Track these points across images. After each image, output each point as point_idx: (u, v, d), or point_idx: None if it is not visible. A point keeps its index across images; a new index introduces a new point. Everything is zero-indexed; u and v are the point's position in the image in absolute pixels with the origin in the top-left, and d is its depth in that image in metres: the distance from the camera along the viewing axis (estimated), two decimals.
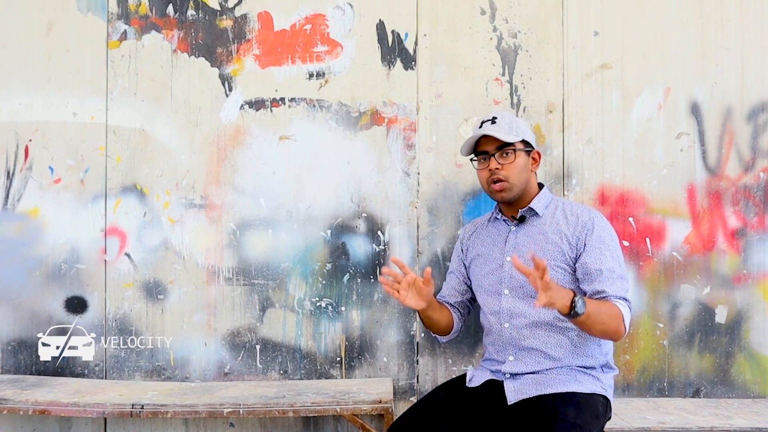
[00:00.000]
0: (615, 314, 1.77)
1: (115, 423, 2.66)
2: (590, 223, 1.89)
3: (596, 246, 1.86)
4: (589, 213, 1.93)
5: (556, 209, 1.97)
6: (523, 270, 1.64)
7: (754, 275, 2.56)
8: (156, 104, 2.66)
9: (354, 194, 2.64)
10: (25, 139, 2.67)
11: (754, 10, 2.59)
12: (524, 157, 1.96)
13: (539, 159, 2.02)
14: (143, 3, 2.68)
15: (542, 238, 1.92)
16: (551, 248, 1.90)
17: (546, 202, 1.99)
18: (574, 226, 1.90)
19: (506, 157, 1.93)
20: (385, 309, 2.63)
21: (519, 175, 1.94)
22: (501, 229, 2.03)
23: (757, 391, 2.57)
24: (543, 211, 1.97)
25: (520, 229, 1.98)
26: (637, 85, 2.59)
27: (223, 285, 2.65)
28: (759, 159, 2.57)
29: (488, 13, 2.63)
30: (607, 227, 1.91)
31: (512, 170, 1.93)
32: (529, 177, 1.98)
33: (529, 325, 1.90)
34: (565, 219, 1.93)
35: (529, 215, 1.98)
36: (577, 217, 1.92)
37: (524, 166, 1.96)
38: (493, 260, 2.00)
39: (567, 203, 1.99)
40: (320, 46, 2.65)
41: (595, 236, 1.87)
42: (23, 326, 2.67)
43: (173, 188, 2.66)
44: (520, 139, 1.95)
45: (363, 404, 2.26)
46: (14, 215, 2.67)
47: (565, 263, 1.89)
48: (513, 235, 1.98)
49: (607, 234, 1.89)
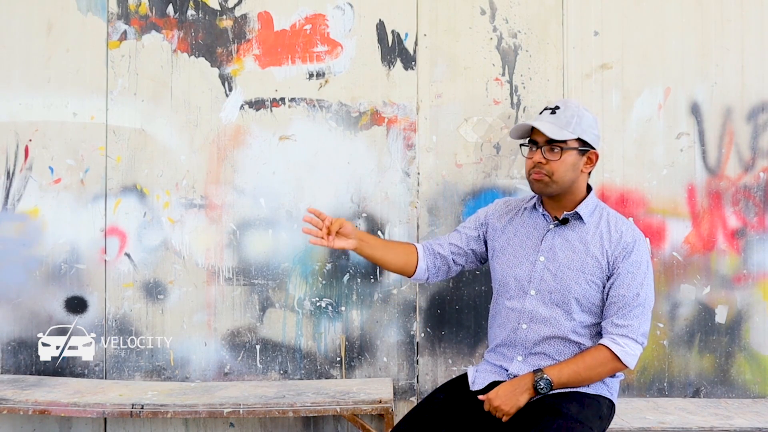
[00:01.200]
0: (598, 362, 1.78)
1: (115, 423, 2.66)
2: (632, 245, 1.81)
3: (629, 270, 1.80)
4: (633, 233, 1.84)
5: (600, 218, 1.87)
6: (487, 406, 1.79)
7: (754, 275, 2.57)
8: (156, 104, 2.66)
9: (354, 194, 2.64)
10: (25, 139, 2.67)
11: (754, 10, 2.59)
12: (575, 156, 1.82)
13: (596, 160, 1.86)
14: (143, 3, 2.68)
15: (582, 249, 1.84)
16: (591, 261, 1.83)
17: (591, 208, 1.88)
18: (616, 244, 1.82)
19: (553, 153, 1.81)
20: (385, 309, 2.63)
21: (564, 173, 1.82)
22: (539, 224, 1.92)
23: (757, 391, 2.57)
24: (588, 219, 1.87)
25: (560, 230, 1.88)
26: (637, 85, 2.59)
27: (223, 285, 2.65)
28: (759, 159, 2.57)
29: (488, 13, 2.63)
30: (645, 252, 1.84)
31: (557, 168, 1.81)
32: (577, 177, 1.85)
33: (547, 333, 1.85)
34: (609, 233, 1.84)
35: (573, 219, 1.88)
36: (621, 234, 1.83)
37: (572, 166, 1.82)
38: (524, 256, 1.91)
39: (612, 214, 1.90)
40: (320, 46, 2.65)
41: (631, 260, 1.80)
42: (23, 326, 2.67)
43: (173, 188, 2.66)
44: (576, 137, 1.81)
45: (363, 404, 2.26)
46: (14, 215, 2.67)
47: (600, 279, 1.83)
48: (551, 235, 1.88)
49: (644, 260, 1.82)
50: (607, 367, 1.78)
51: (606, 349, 1.77)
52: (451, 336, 2.60)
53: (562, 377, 1.76)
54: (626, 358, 1.77)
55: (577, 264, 1.83)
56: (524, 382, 1.77)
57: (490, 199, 2.58)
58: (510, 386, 1.78)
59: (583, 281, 1.82)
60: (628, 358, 1.77)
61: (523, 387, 1.76)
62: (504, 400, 1.75)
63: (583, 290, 1.82)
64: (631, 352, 1.77)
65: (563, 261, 1.84)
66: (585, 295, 1.82)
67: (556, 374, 1.76)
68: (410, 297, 2.62)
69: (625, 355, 1.76)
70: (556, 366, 1.78)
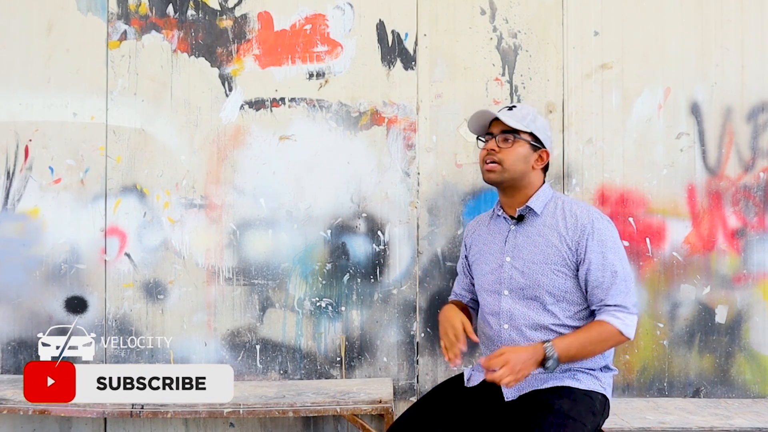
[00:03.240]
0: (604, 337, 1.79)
1: (115, 423, 2.66)
2: (590, 225, 1.85)
3: (597, 251, 1.83)
4: (588, 214, 1.88)
5: (555, 208, 1.93)
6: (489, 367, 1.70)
7: (754, 275, 2.56)
8: (156, 104, 2.66)
9: (354, 194, 2.64)
10: (25, 139, 2.67)
11: (754, 10, 2.59)
12: (527, 149, 1.91)
13: (546, 159, 1.95)
14: (143, 3, 2.68)
15: (542, 241, 1.89)
16: (551, 252, 1.87)
17: (545, 200, 1.94)
18: (573, 228, 1.86)
19: (506, 142, 1.91)
20: (385, 309, 2.63)
21: (514, 162, 1.90)
22: (501, 228, 2.00)
23: (757, 391, 2.57)
24: (542, 210, 1.93)
25: (519, 228, 1.95)
26: (637, 85, 2.59)
27: (223, 285, 2.65)
28: (759, 159, 2.57)
29: (488, 13, 2.63)
30: (606, 228, 1.87)
31: (508, 155, 1.89)
32: (528, 172, 1.92)
33: (529, 327, 1.88)
34: (564, 220, 1.89)
35: (529, 214, 1.94)
36: (576, 218, 1.87)
37: (523, 157, 1.91)
38: (493, 259, 1.98)
39: (567, 201, 1.94)
40: (320, 46, 2.65)
41: (595, 241, 1.84)
42: (23, 326, 2.67)
43: (173, 188, 2.66)
44: (529, 131, 1.91)
45: (363, 404, 2.26)
46: (14, 215, 2.67)
47: (566, 267, 1.86)
48: (513, 235, 1.95)
49: (608, 236, 1.86)
50: (612, 341, 1.81)
51: (609, 324, 1.79)
52: None
53: (570, 352, 1.77)
54: (627, 330, 1.80)
55: (540, 257, 1.88)
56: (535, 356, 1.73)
57: (490, 199, 2.59)
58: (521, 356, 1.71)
59: (549, 272, 1.86)
60: (629, 330, 1.81)
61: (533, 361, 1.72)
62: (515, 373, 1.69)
63: (552, 281, 1.86)
64: (630, 323, 1.81)
65: (527, 257, 1.90)
66: (555, 285, 1.86)
67: (564, 350, 1.76)
68: (410, 297, 2.62)
69: (626, 328, 1.80)
70: (564, 341, 1.77)
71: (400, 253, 2.62)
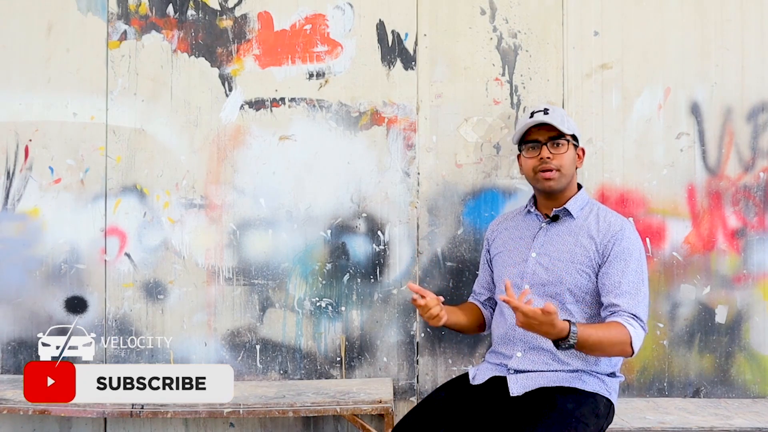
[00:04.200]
0: (619, 340, 1.73)
1: (115, 423, 2.66)
2: (620, 233, 1.85)
3: (620, 257, 1.83)
4: (621, 222, 1.90)
5: (590, 212, 1.94)
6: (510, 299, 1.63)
7: (754, 275, 2.56)
8: (156, 104, 2.66)
9: (354, 194, 2.64)
10: (25, 139, 2.67)
11: (754, 10, 2.59)
12: (573, 151, 1.96)
13: (583, 156, 2.03)
14: (143, 3, 2.68)
15: (572, 240, 1.90)
16: (579, 251, 1.87)
17: (582, 204, 1.96)
18: (604, 232, 1.87)
19: (558, 147, 1.92)
20: (385, 309, 2.63)
21: (570, 167, 1.94)
22: (532, 225, 2.01)
23: (757, 391, 2.57)
24: (578, 213, 1.94)
25: (551, 227, 1.96)
26: (637, 85, 2.59)
27: (223, 285, 2.65)
28: (759, 159, 2.57)
29: (488, 13, 2.63)
30: (635, 240, 1.87)
31: (564, 161, 1.92)
32: (575, 172, 1.99)
33: None
34: (597, 224, 1.90)
35: (563, 215, 1.95)
36: (609, 224, 1.88)
37: (573, 160, 1.96)
38: (517, 253, 1.98)
39: (602, 208, 1.96)
40: (320, 46, 2.65)
41: (621, 247, 1.83)
42: (23, 326, 2.67)
43: (173, 188, 2.65)
44: (571, 133, 1.96)
45: (363, 404, 2.26)
46: (14, 215, 2.66)
47: (590, 268, 1.86)
48: (543, 233, 1.96)
49: (635, 247, 1.85)
50: (620, 348, 1.74)
51: (624, 329, 1.74)
52: (451, 336, 2.60)
53: (586, 343, 1.69)
54: (636, 342, 1.75)
55: (566, 255, 1.88)
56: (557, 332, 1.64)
57: (490, 199, 2.59)
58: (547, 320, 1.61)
59: (574, 271, 1.86)
60: (637, 343, 1.76)
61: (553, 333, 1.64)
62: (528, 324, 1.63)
63: (575, 280, 1.86)
64: (640, 336, 1.77)
65: (554, 254, 1.90)
66: (577, 284, 1.86)
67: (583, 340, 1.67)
68: (410, 297, 2.61)
69: (636, 339, 1.75)
70: (587, 331, 1.69)
71: (400, 253, 2.62)
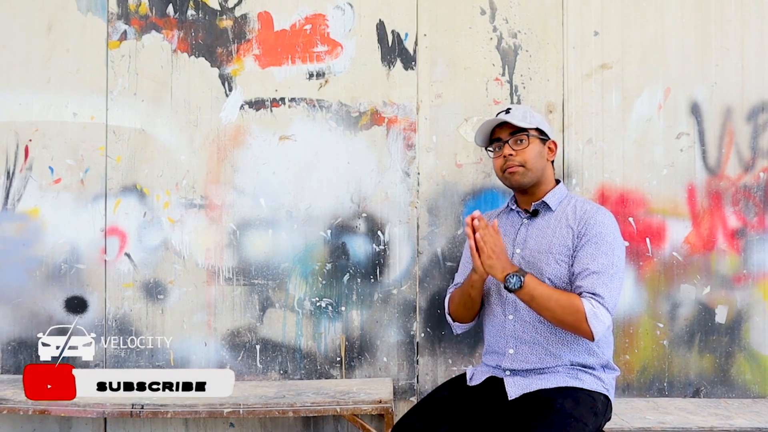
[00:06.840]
0: (571, 308, 1.75)
1: (115, 423, 2.66)
2: (593, 218, 1.88)
3: (591, 242, 1.85)
4: (596, 209, 1.92)
5: (568, 204, 1.97)
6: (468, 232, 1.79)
7: (754, 275, 2.56)
8: (156, 104, 2.66)
9: (354, 194, 2.64)
10: (25, 139, 2.67)
11: (754, 10, 2.59)
12: (539, 145, 1.97)
13: (555, 149, 2.03)
14: (143, 3, 2.68)
15: (550, 232, 1.92)
16: (557, 241, 1.89)
17: (560, 197, 1.99)
18: (579, 219, 1.90)
19: (520, 143, 1.95)
20: (385, 309, 2.63)
21: (535, 160, 1.95)
22: (514, 221, 2.03)
23: (757, 391, 2.57)
24: (556, 206, 1.97)
25: (532, 222, 1.98)
26: (637, 85, 2.59)
27: (223, 285, 2.65)
28: (759, 159, 2.57)
29: (488, 13, 2.63)
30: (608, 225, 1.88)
31: (527, 156, 1.94)
32: (545, 166, 1.99)
33: (533, 319, 1.89)
34: (574, 213, 1.93)
35: (543, 209, 1.98)
36: (585, 211, 1.92)
37: (539, 153, 1.96)
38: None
39: (581, 200, 1.98)
40: (320, 46, 2.65)
41: (594, 232, 1.86)
42: (23, 326, 2.67)
43: (173, 188, 2.66)
44: (534, 127, 1.96)
45: (363, 404, 2.26)
46: (14, 215, 2.67)
47: (568, 257, 1.88)
48: (525, 228, 1.98)
49: (608, 231, 1.87)
50: (572, 320, 1.76)
51: (579, 302, 1.76)
52: (451, 336, 2.60)
53: (533, 292, 1.77)
54: (593, 321, 1.74)
55: (545, 246, 1.90)
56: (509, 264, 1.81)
57: (490, 199, 2.59)
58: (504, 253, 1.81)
59: (553, 261, 1.87)
60: (596, 321, 1.74)
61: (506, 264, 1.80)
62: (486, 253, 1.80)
63: (554, 270, 1.87)
64: (600, 317, 1.75)
65: (534, 247, 1.92)
66: (556, 274, 1.87)
67: (532, 284, 1.77)
68: (410, 297, 2.62)
69: (594, 318, 1.74)
70: (536, 282, 1.79)
71: (400, 253, 2.62)
